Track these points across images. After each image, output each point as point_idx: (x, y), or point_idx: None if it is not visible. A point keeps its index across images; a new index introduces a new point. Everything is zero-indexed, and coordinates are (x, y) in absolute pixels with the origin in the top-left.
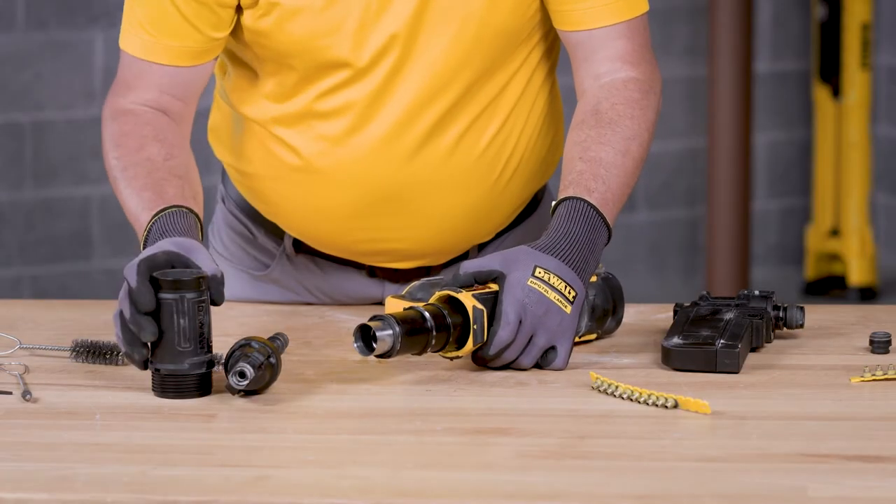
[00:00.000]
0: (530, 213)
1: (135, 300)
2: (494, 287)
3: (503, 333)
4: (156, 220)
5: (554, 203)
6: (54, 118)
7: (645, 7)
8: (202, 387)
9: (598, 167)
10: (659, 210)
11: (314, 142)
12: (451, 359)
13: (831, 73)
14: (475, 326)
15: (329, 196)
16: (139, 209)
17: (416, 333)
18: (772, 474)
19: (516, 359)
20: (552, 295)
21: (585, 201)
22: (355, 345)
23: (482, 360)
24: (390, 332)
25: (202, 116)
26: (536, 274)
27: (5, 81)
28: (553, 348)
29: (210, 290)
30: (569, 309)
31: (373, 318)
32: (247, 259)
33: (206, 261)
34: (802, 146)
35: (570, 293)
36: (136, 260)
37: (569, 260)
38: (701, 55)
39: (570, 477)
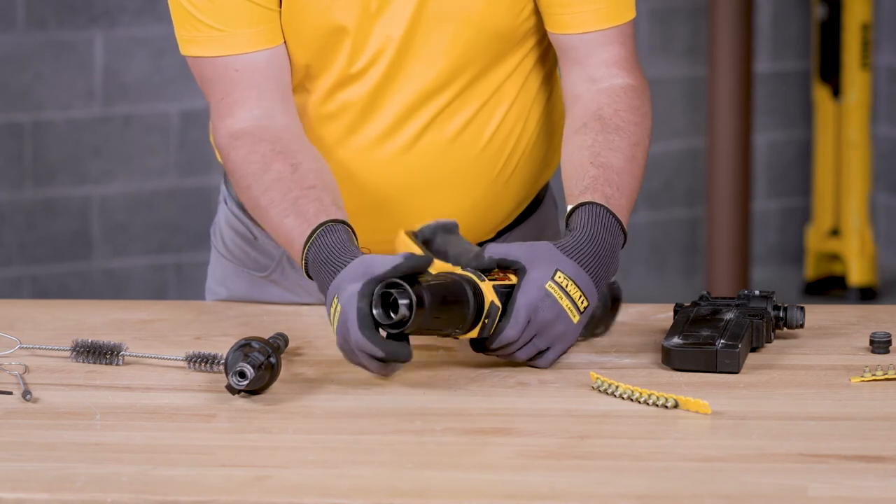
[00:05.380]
0: (533, 212)
1: (397, 357)
2: (513, 279)
3: (510, 332)
4: (310, 250)
5: (571, 206)
6: (54, 118)
7: (633, 13)
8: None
9: (611, 173)
10: (659, 210)
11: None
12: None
13: (831, 73)
14: (486, 321)
15: None
16: (289, 240)
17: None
18: (772, 474)
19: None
20: (565, 302)
21: (605, 207)
22: (375, 311)
23: (481, 348)
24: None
25: (203, 116)
26: (556, 278)
27: (5, 81)
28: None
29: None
30: (577, 319)
31: (395, 286)
32: (248, 260)
33: (385, 261)
34: (802, 146)
35: (582, 303)
36: (354, 322)
37: (589, 266)
38: (701, 55)
39: (570, 477)
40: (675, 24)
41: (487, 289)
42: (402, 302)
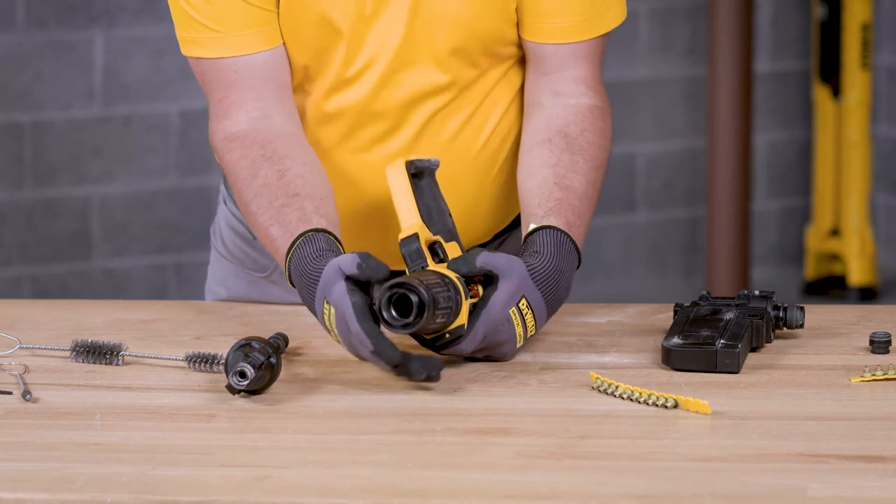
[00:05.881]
0: None
1: (386, 356)
2: (480, 293)
3: (466, 348)
4: (291, 261)
5: (536, 225)
6: (54, 118)
7: (611, 25)
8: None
9: (574, 198)
10: (659, 210)
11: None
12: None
13: (831, 73)
14: (448, 335)
15: None
16: (274, 248)
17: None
18: (772, 474)
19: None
20: (519, 329)
21: (568, 235)
22: (384, 313)
23: (427, 344)
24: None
25: (203, 116)
26: (520, 304)
27: (5, 81)
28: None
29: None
30: (521, 343)
31: (403, 285)
32: (247, 260)
33: (346, 260)
34: (802, 146)
35: (531, 330)
36: (353, 316)
37: (548, 294)
38: (701, 55)
39: (570, 477)
40: (675, 24)
41: (464, 311)
42: (414, 300)
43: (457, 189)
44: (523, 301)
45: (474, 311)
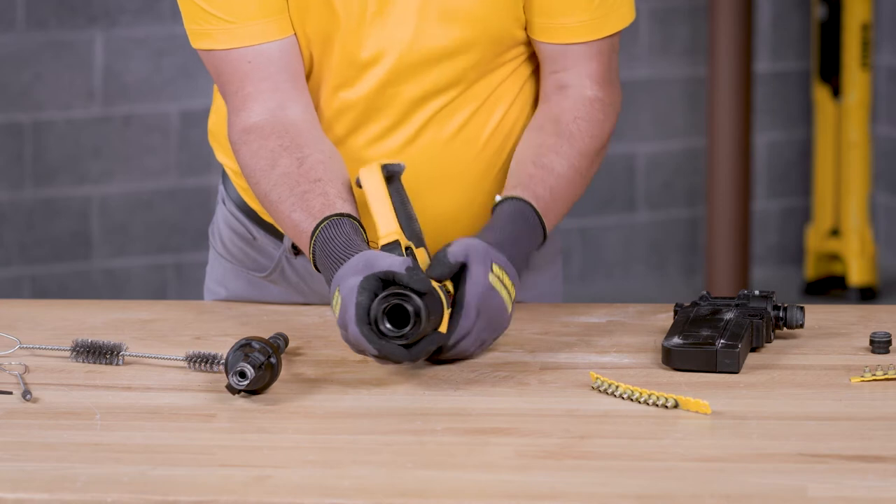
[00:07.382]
0: None
1: (394, 358)
2: (452, 291)
3: (465, 323)
4: (316, 243)
5: (500, 198)
6: (54, 118)
7: (624, 23)
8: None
9: (549, 176)
10: (659, 210)
11: None
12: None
13: (831, 73)
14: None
15: None
16: (297, 234)
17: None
18: (772, 474)
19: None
20: (504, 293)
21: (531, 206)
22: (381, 326)
23: (434, 354)
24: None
25: (203, 117)
26: (494, 270)
27: (5, 81)
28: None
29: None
30: (510, 308)
31: (397, 295)
32: (247, 260)
33: (389, 260)
34: (802, 146)
35: (512, 293)
36: (352, 317)
37: (513, 261)
38: (701, 55)
39: (570, 477)
40: (675, 24)
41: (445, 318)
42: (410, 309)
43: (459, 185)
44: (494, 266)
45: (456, 300)
